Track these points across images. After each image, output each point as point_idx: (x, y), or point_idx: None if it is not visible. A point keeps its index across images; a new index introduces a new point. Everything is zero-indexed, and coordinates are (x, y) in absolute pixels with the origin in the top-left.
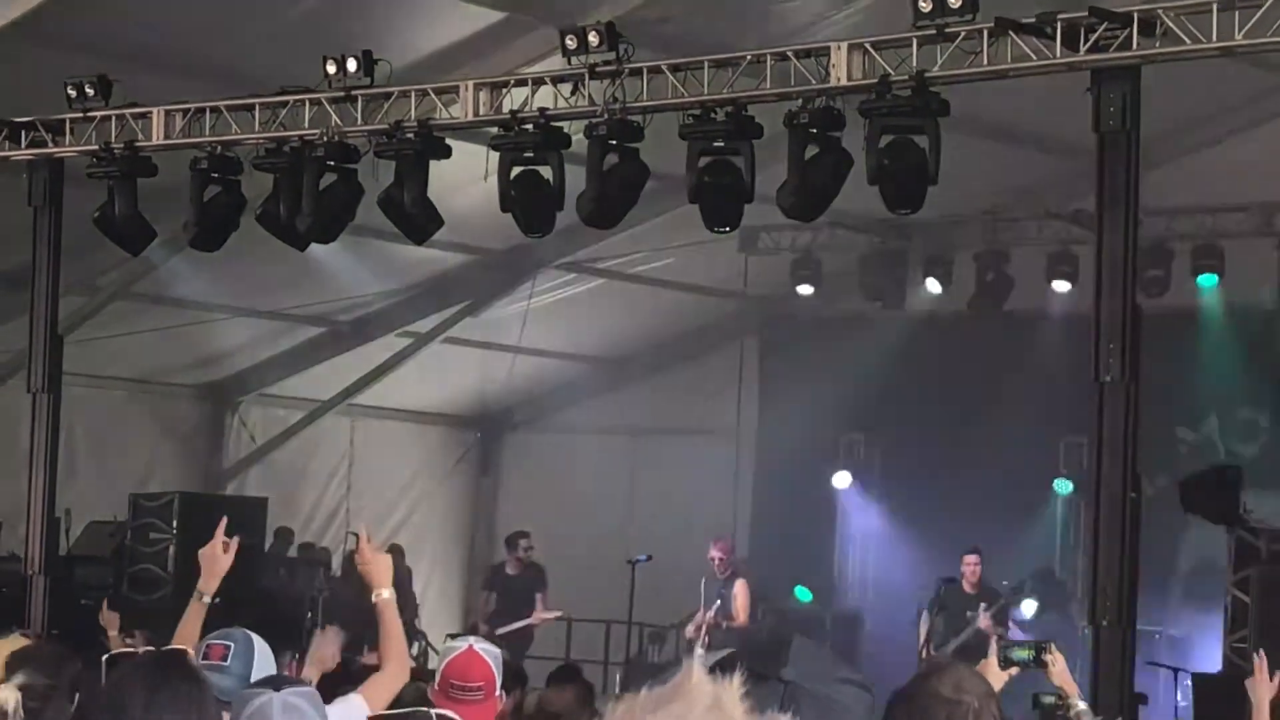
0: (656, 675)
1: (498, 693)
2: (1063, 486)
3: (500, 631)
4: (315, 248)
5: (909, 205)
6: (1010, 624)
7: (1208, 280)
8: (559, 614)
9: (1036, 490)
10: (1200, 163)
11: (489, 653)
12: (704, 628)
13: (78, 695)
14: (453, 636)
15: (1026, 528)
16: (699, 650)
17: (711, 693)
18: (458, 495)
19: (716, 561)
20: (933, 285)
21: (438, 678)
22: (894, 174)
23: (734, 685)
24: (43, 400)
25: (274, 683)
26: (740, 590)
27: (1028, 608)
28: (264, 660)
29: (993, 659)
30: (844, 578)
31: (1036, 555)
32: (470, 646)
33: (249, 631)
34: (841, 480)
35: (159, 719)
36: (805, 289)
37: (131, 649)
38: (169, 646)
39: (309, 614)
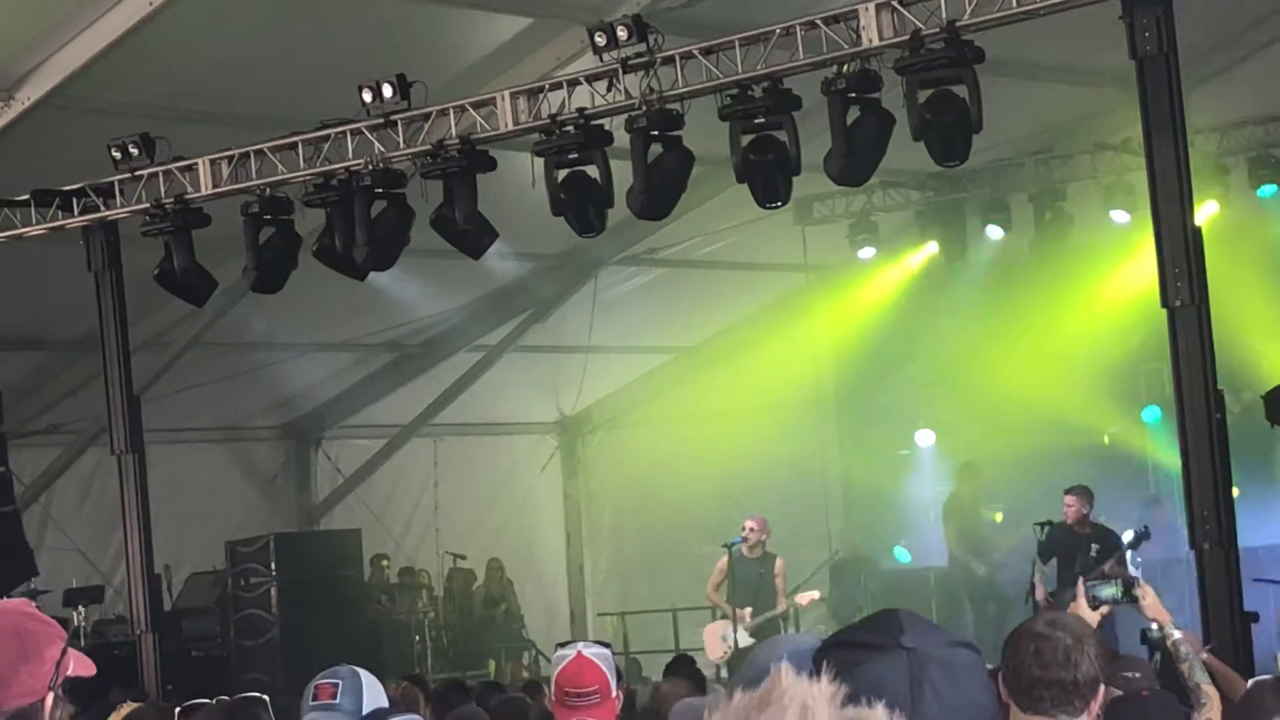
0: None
1: (614, 693)
2: (1151, 414)
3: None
4: (375, 275)
5: (956, 156)
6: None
7: (1266, 191)
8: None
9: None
10: (1251, 71)
11: (599, 655)
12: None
13: None
14: (561, 645)
15: (1121, 462)
16: (803, 635)
17: (801, 698)
18: (547, 501)
19: (747, 531)
20: (993, 231)
21: (552, 688)
22: (938, 127)
23: (824, 686)
24: (127, 461)
25: (380, 715)
26: (781, 571)
27: (1130, 540)
28: (373, 693)
29: (1082, 600)
30: (938, 535)
31: (1135, 487)
32: (579, 652)
33: (354, 667)
34: (925, 438)
35: None
36: (866, 252)
37: (206, 700)
38: (245, 695)
39: (415, 638)
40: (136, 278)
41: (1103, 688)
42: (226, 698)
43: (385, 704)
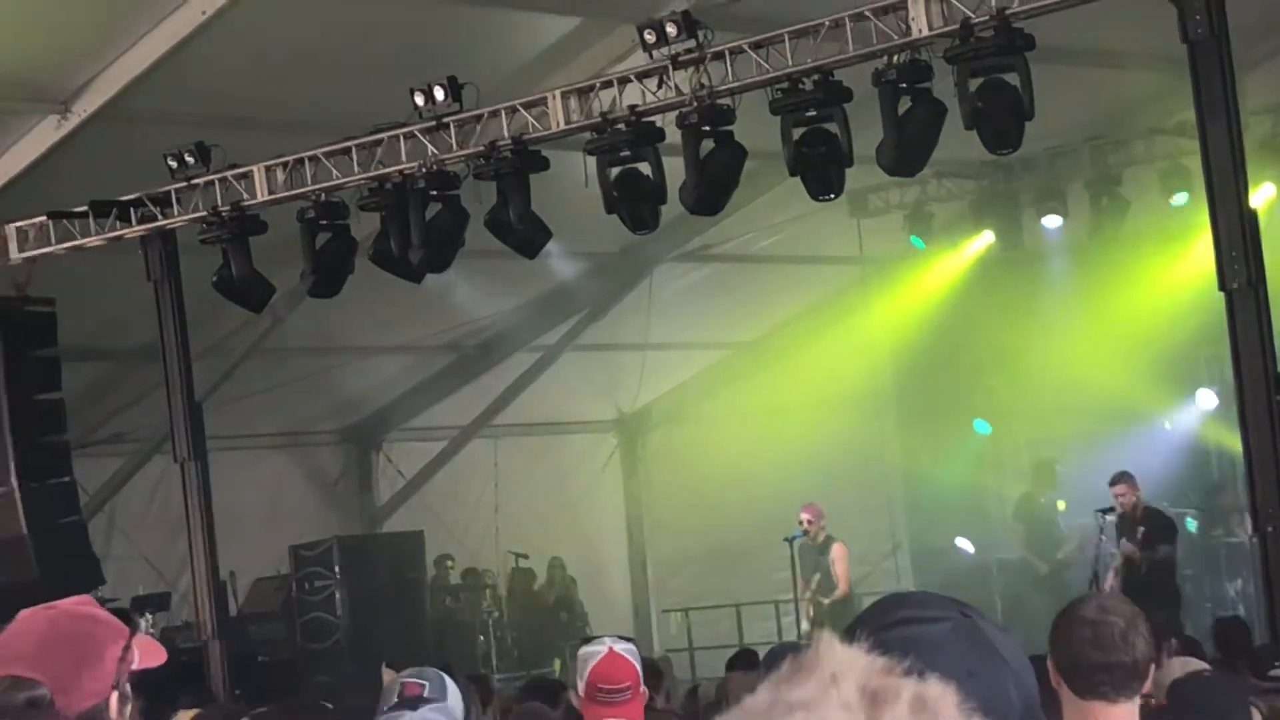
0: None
1: (642, 689)
2: (1210, 398)
3: (821, 599)
4: (432, 277)
5: (1009, 145)
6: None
7: None
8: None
9: (1184, 404)
10: None
11: (629, 651)
12: (807, 603)
13: None
14: (586, 641)
15: (1179, 446)
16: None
17: (834, 665)
18: (608, 499)
19: (805, 523)
20: (1049, 220)
21: (583, 685)
22: (989, 116)
23: (858, 652)
24: (190, 468)
25: (412, 704)
26: (839, 556)
27: (1191, 524)
28: (454, 693)
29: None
30: (1003, 525)
31: (1197, 472)
32: (610, 648)
33: (440, 672)
34: (985, 427)
35: None
36: (921, 243)
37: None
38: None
39: (480, 638)
40: (195, 286)
41: (1153, 668)
42: (290, 702)
43: (463, 706)
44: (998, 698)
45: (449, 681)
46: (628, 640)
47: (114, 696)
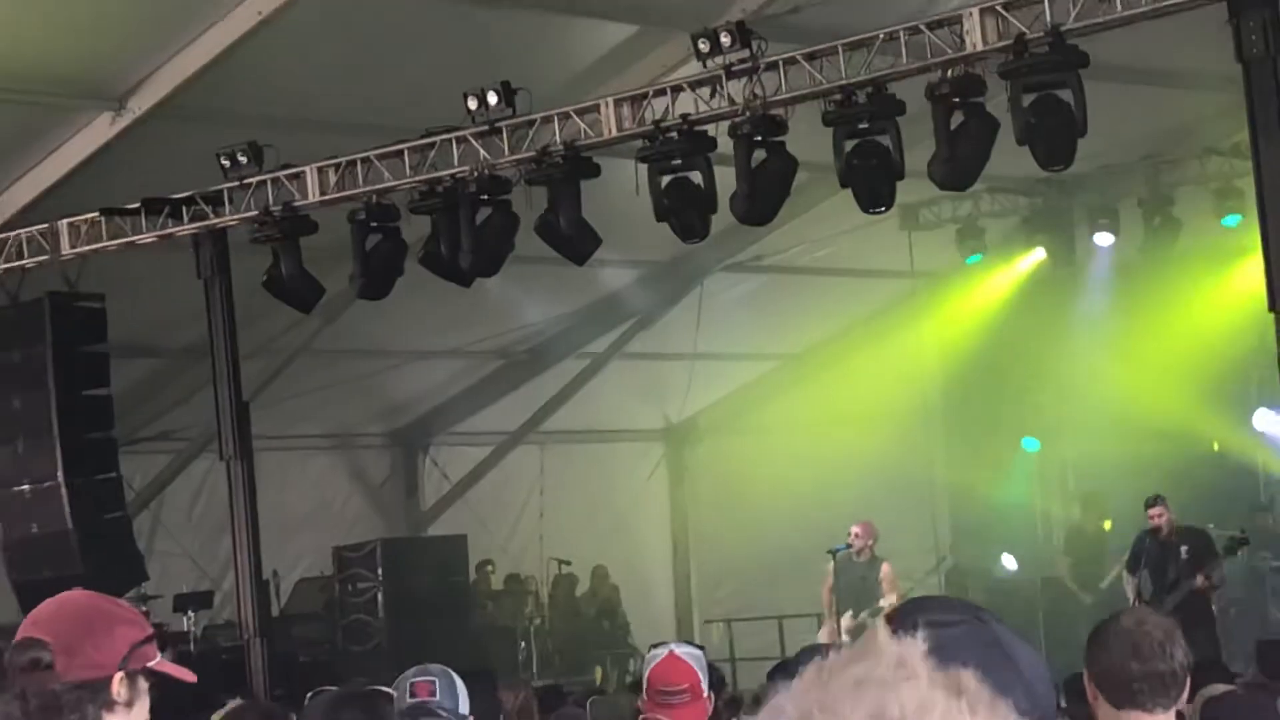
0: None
1: (706, 693)
2: (1262, 420)
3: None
4: (481, 282)
5: (1061, 161)
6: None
7: None
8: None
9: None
10: None
11: (690, 655)
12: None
13: None
14: (655, 646)
15: (1228, 467)
16: (884, 602)
17: (897, 651)
18: (654, 509)
19: (853, 537)
20: (1101, 238)
21: (645, 686)
22: (1042, 132)
23: (918, 641)
24: (236, 467)
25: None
26: (888, 577)
27: (1239, 547)
28: (463, 694)
29: None
30: (1048, 542)
31: (1245, 493)
32: (671, 651)
33: (444, 666)
34: (1032, 443)
35: None
36: (974, 258)
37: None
38: (373, 687)
39: (521, 644)
40: (245, 285)
41: (1189, 679)
42: (354, 686)
43: (468, 706)
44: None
45: (457, 680)
46: (695, 646)
47: (118, 676)
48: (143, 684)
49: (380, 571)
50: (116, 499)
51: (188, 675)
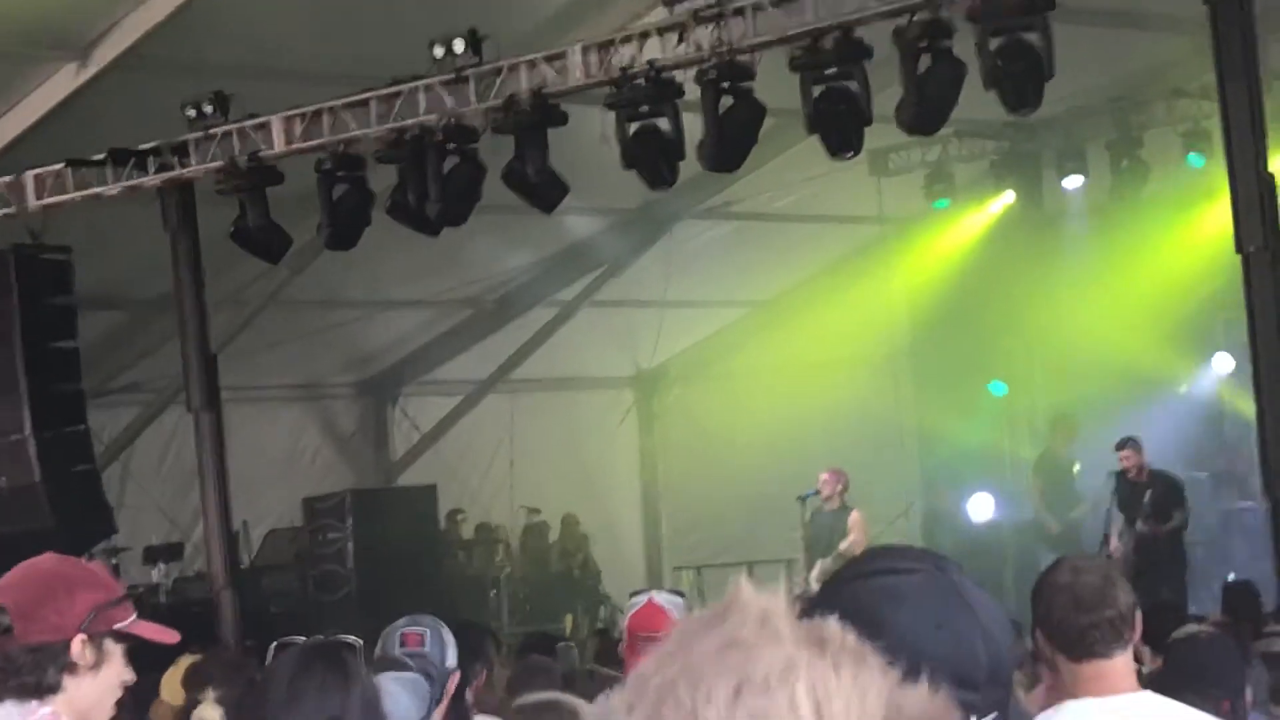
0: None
1: None
2: (1226, 362)
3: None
4: (449, 231)
5: (1029, 104)
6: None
7: None
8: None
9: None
10: None
11: (671, 602)
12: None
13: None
14: (635, 593)
15: (1194, 409)
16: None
17: (760, 608)
18: (624, 456)
19: (822, 482)
20: (1069, 181)
21: (625, 635)
22: (1010, 75)
23: (781, 597)
24: (204, 419)
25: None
26: (856, 523)
27: (1206, 489)
28: (451, 645)
29: None
30: (1017, 486)
31: (1212, 435)
32: (650, 599)
33: (435, 618)
34: (999, 386)
35: (298, 700)
36: (942, 203)
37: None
38: (333, 637)
39: (491, 593)
40: (213, 236)
41: (1139, 614)
42: (321, 637)
43: (456, 659)
44: (964, 652)
45: (445, 631)
46: (676, 593)
47: (79, 639)
48: (111, 646)
49: (350, 522)
50: (85, 452)
51: (168, 636)
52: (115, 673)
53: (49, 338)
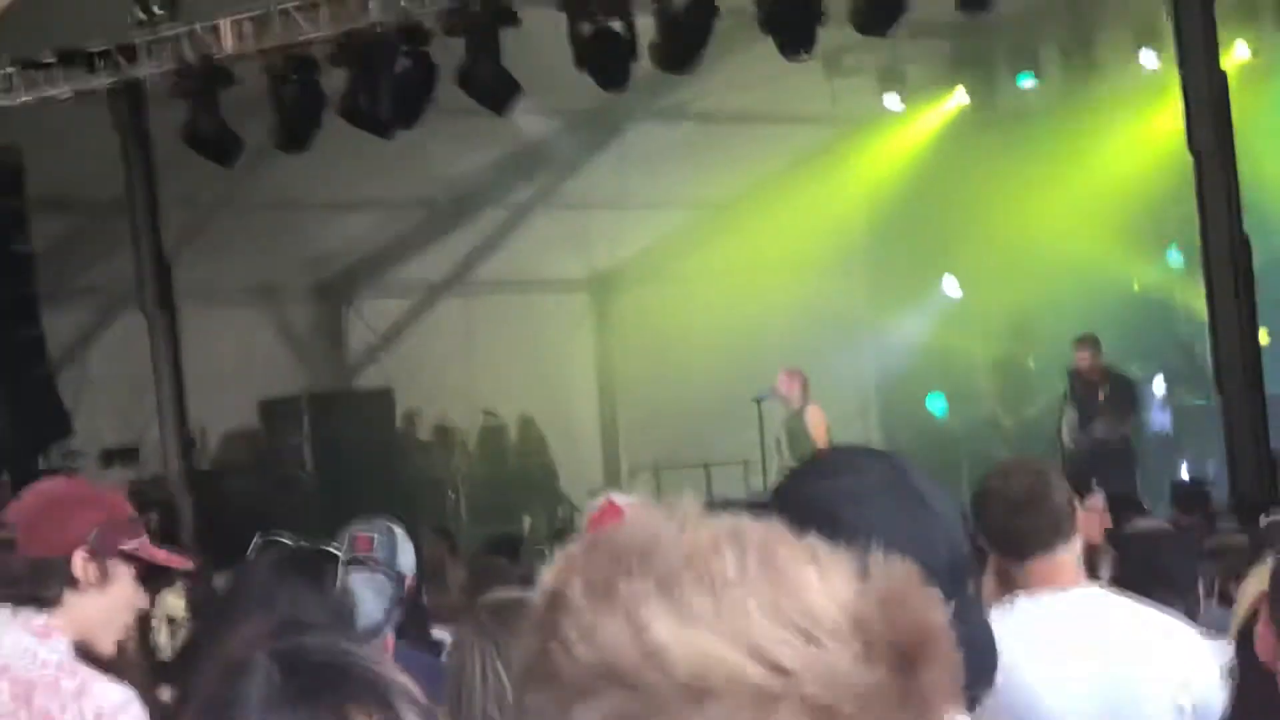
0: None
1: None
2: (1179, 260)
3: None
4: (402, 133)
5: (981, 3)
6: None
7: None
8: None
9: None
10: None
11: (629, 504)
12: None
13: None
14: (592, 494)
15: (1147, 307)
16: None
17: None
18: (580, 358)
19: (780, 383)
20: (1023, 79)
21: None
22: None
23: (688, 497)
24: (158, 322)
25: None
26: (814, 418)
27: (1158, 387)
28: (405, 548)
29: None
30: (971, 384)
31: (1165, 333)
32: (609, 500)
33: (390, 522)
34: (954, 285)
35: (269, 604)
36: (892, 100)
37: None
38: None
39: (451, 494)
40: (165, 139)
41: (1079, 511)
42: (306, 544)
43: (413, 561)
44: (925, 547)
45: (399, 532)
46: (633, 495)
47: (80, 555)
48: (119, 568)
49: (307, 424)
50: (40, 355)
51: (180, 562)
52: (124, 594)
53: (1, 241)
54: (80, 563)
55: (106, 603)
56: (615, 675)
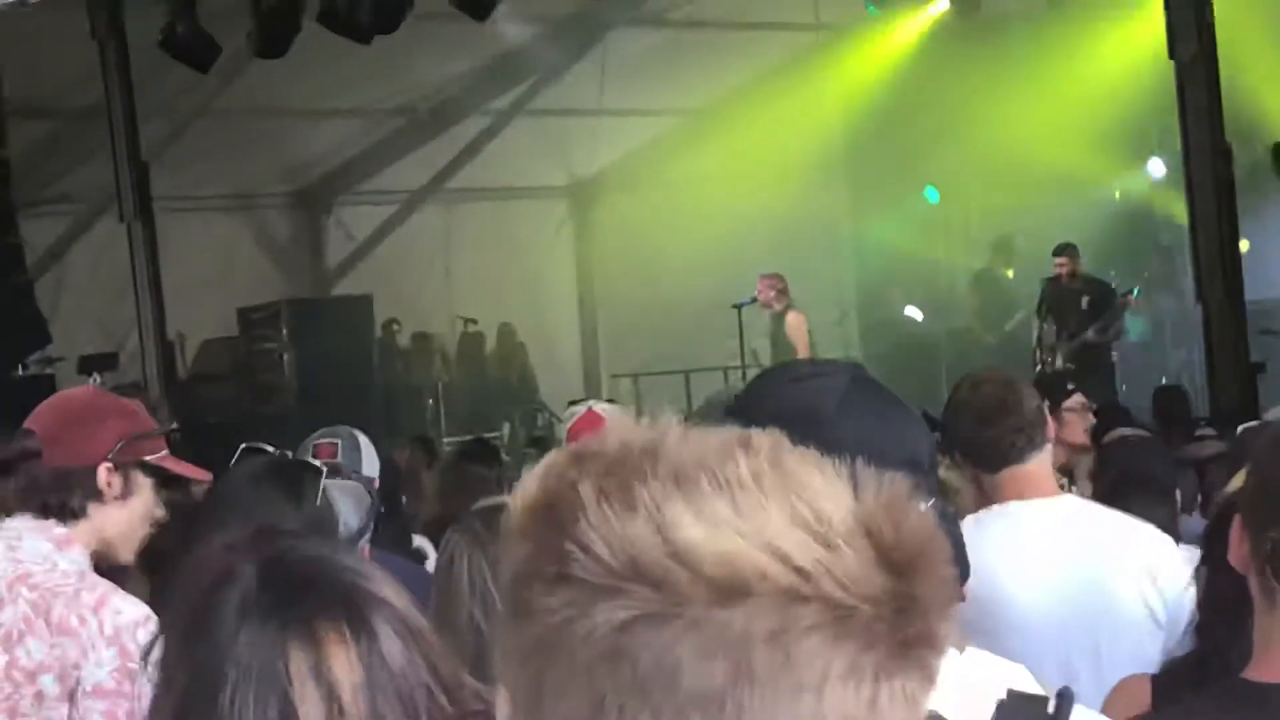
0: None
1: None
2: (1160, 168)
3: None
4: (382, 40)
5: None
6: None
7: None
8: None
9: (1134, 174)
10: None
11: (609, 411)
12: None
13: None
14: (574, 403)
15: (1129, 215)
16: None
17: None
18: (559, 266)
19: (759, 288)
20: None
21: (565, 443)
22: None
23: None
24: (136, 229)
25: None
26: (795, 325)
27: (1137, 292)
28: (369, 456)
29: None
30: (951, 292)
31: (1146, 241)
32: (590, 408)
33: (353, 429)
34: (934, 193)
35: (248, 514)
36: (875, 10)
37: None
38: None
39: (429, 402)
40: (142, 45)
41: (1050, 418)
42: (289, 454)
43: (377, 469)
44: (907, 440)
45: (361, 438)
46: (612, 403)
47: (105, 467)
48: (141, 479)
49: (286, 332)
50: (17, 263)
51: (199, 474)
52: (145, 505)
53: None
54: (104, 474)
55: (130, 515)
56: (641, 574)
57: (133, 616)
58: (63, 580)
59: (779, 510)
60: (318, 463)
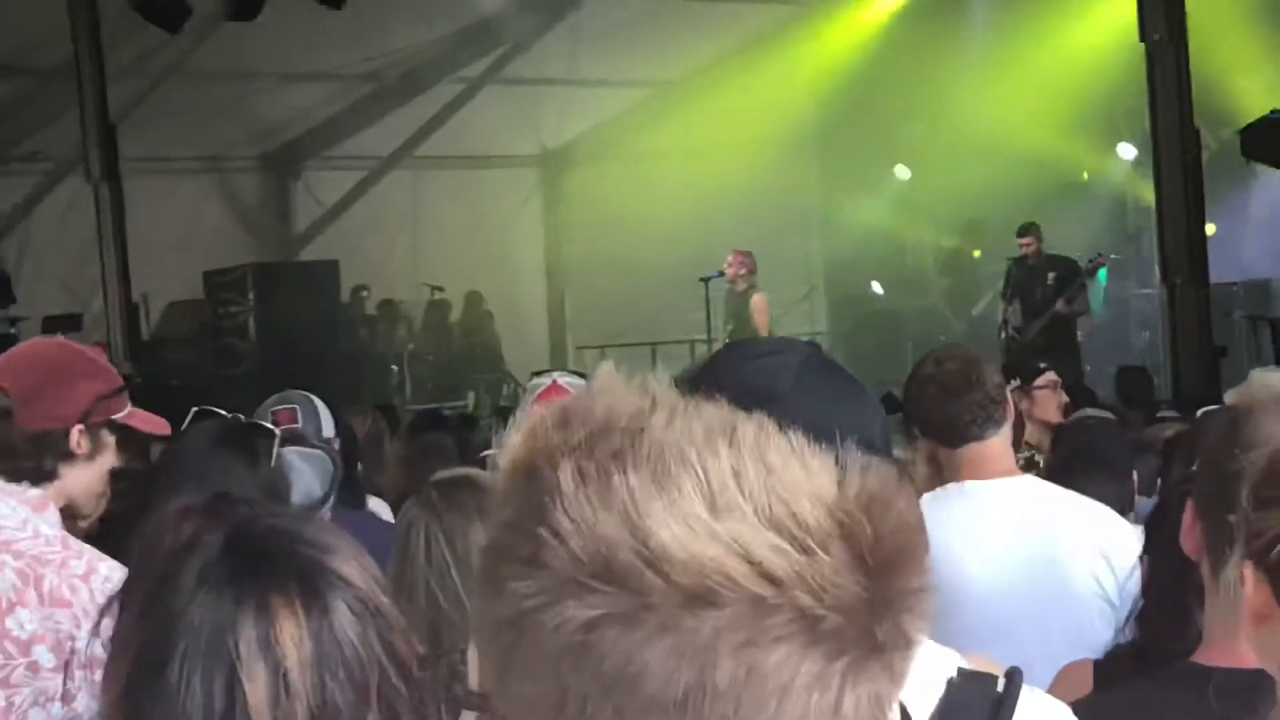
0: None
1: None
2: (1128, 150)
3: None
4: (353, 3)
5: None
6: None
7: None
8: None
9: (1102, 156)
10: None
11: (573, 384)
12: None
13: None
14: (538, 374)
15: (1096, 197)
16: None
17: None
18: (528, 236)
19: (727, 264)
20: None
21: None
22: None
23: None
24: (103, 189)
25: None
26: (758, 307)
27: (1103, 274)
28: (326, 420)
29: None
30: (918, 270)
31: (1113, 223)
32: (554, 381)
33: (306, 392)
34: (903, 171)
35: (203, 477)
36: None
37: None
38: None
39: (394, 369)
40: (113, 4)
41: (1010, 399)
42: (242, 417)
43: (334, 430)
44: (863, 418)
45: (318, 403)
46: (578, 374)
47: (78, 429)
48: (106, 436)
49: (252, 296)
50: None
51: (160, 427)
52: (108, 461)
53: None
54: (76, 435)
55: (94, 472)
56: (612, 575)
57: (120, 580)
58: (47, 548)
59: (758, 512)
60: (275, 428)
